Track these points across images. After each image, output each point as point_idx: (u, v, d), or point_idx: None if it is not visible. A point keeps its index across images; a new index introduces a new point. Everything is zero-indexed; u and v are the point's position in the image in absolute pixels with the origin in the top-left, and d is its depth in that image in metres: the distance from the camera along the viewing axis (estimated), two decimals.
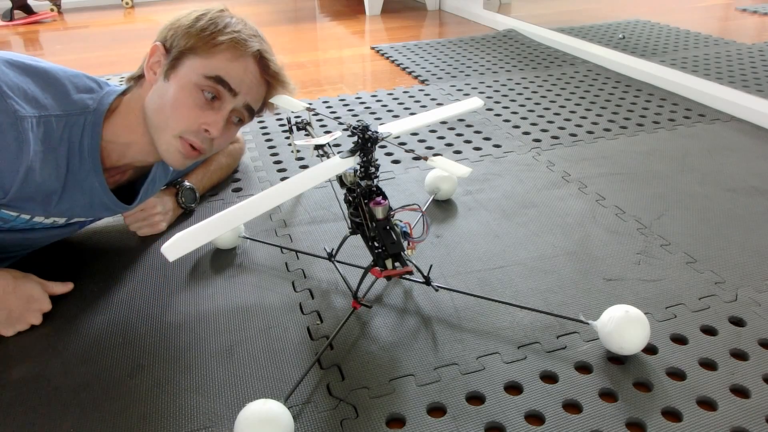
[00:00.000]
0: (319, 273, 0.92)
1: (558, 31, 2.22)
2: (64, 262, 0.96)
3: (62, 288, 0.87)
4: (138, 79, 0.84)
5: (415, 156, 1.25)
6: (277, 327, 0.81)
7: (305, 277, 0.91)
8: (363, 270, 0.80)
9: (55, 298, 0.85)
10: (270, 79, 0.84)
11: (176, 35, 0.79)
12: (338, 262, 0.92)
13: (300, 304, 0.85)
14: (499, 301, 0.83)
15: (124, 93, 0.84)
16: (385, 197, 0.73)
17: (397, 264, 0.72)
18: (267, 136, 1.46)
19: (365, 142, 0.72)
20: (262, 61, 0.82)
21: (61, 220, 0.85)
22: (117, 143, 0.82)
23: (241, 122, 0.85)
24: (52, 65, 0.79)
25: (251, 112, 0.85)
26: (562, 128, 1.44)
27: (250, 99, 0.82)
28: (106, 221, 1.07)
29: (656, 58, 1.87)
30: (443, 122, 1.50)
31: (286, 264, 0.94)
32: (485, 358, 0.74)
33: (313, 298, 0.86)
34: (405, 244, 0.73)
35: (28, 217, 0.80)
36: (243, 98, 0.81)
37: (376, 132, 0.73)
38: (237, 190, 1.19)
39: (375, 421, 0.66)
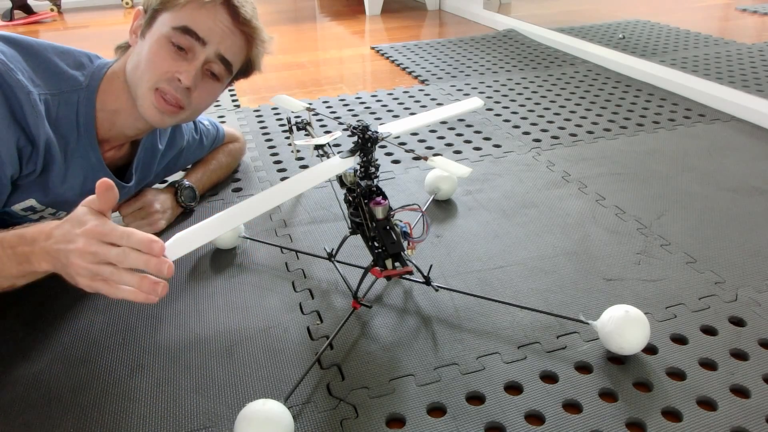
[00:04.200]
0: (319, 273, 0.92)
1: (558, 31, 2.22)
2: None
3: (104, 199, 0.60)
4: (126, 48, 0.86)
5: (415, 156, 1.25)
6: (277, 327, 0.81)
7: (305, 277, 0.91)
8: (363, 270, 0.80)
9: (54, 298, 0.85)
10: (243, 28, 0.83)
11: None
12: (338, 262, 0.92)
13: (300, 304, 0.85)
14: (499, 301, 0.83)
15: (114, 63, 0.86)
16: (385, 197, 0.73)
17: (397, 264, 0.72)
18: (267, 136, 1.46)
19: (365, 142, 0.72)
20: (231, 8, 0.81)
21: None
22: (105, 111, 0.83)
23: (218, 77, 0.84)
24: (41, 42, 0.79)
25: (227, 65, 0.84)
26: (562, 128, 1.44)
27: (223, 49, 0.82)
28: None
29: (656, 58, 1.87)
30: (443, 122, 1.50)
31: (286, 264, 0.94)
32: (485, 358, 0.74)
33: (313, 298, 0.86)
34: (405, 244, 0.73)
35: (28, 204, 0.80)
36: (214, 47, 0.81)
37: (376, 132, 0.73)
38: (237, 190, 1.19)
39: (375, 421, 0.66)
